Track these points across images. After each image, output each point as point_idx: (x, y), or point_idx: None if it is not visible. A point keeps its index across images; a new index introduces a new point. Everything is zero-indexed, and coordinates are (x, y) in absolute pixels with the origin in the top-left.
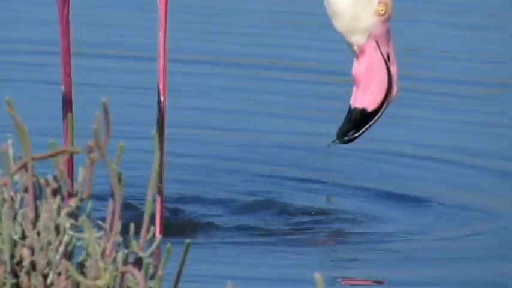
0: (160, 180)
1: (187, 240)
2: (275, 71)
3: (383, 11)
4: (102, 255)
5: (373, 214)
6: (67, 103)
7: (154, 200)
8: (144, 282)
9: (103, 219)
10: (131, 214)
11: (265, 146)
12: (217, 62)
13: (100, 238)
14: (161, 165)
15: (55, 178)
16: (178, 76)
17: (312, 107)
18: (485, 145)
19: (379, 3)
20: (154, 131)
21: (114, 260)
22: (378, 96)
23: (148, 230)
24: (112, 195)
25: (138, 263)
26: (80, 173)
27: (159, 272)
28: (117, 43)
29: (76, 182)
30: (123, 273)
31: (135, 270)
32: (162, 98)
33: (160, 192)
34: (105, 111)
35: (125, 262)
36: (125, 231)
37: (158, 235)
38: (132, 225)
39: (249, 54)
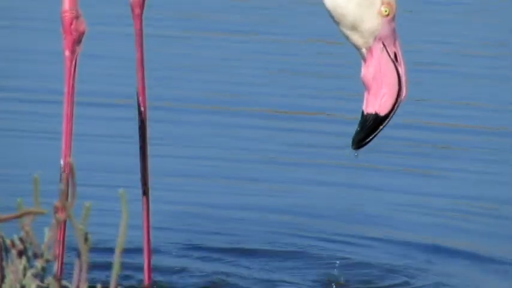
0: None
1: None
2: (256, 117)
3: (387, 12)
4: None
5: (414, 267)
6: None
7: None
8: None
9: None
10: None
11: (255, 194)
12: (201, 110)
13: None
14: (146, 166)
15: (21, 239)
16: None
17: (302, 151)
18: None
19: (382, 4)
20: (122, 190)
21: None
22: (389, 100)
23: None
24: (78, 255)
25: None
26: (46, 233)
27: None
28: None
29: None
30: None
31: None
32: (142, 109)
33: (148, 241)
34: (72, 173)
35: None
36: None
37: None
38: (98, 287)
39: (233, 101)
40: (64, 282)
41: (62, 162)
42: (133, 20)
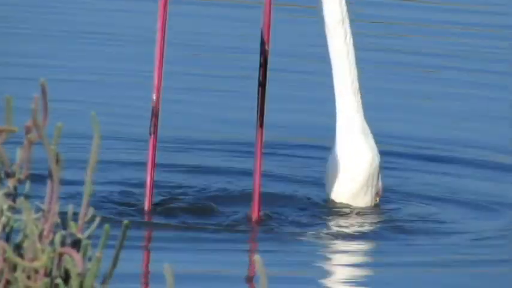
0: (262, 116)
1: (126, 221)
2: None
3: (376, 201)
4: (40, 236)
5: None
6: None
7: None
8: (82, 263)
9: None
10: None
11: None
12: None
13: (38, 219)
14: (264, 102)
15: None
16: None
17: None
18: None
19: (377, 193)
20: (93, 112)
21: (52, 242)
22: None
23: (86, 211)
24: (50, 176)
25: (76, 244)
26: (18, 153)
27: (98, 254)
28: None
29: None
30: (60, 255)
31: (73, 252)
32: (266, 47)
33: (258, 170)
34: (43, 92)
35: (63, 243)
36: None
37: (255, 216)
38: (71, 207)
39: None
40: (36, 203)
41: (154, 96)
42: None
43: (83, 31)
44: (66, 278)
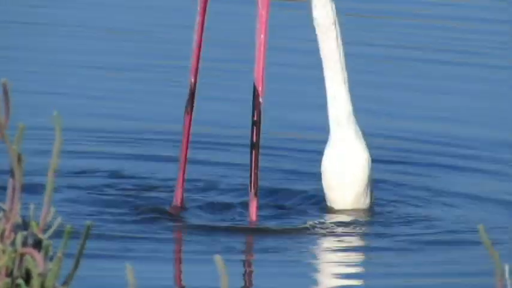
0: (256, 181)
1: (88, 222)
2: None
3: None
4: (1, 236)
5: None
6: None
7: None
8: (44, 264)
9: None
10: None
11: None
12: None
13: None
14: (257, 165)
15: None
16: None
17: None
18: None
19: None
20: (56, 112)
21: (14, 242)
22: None
23: (48, 212)
24: (12, 175)
25: (38, 244)
26: None
27: (59, 254)
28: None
29: None
30: (22, 255)
31: (35, 252)
32: (260, 100)
33: (255, 189)
34: (5, 92)
35: (25, 244)
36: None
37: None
38: (32, 207)
39: None
40: None
41: (192, 79)
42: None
43: (83, 25)
44: (28, 278)
